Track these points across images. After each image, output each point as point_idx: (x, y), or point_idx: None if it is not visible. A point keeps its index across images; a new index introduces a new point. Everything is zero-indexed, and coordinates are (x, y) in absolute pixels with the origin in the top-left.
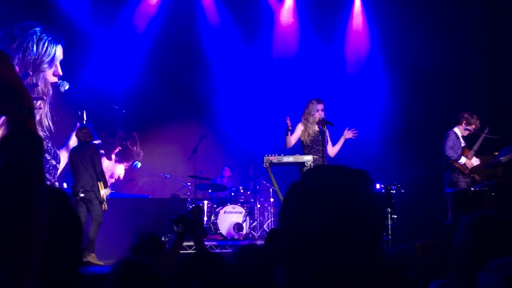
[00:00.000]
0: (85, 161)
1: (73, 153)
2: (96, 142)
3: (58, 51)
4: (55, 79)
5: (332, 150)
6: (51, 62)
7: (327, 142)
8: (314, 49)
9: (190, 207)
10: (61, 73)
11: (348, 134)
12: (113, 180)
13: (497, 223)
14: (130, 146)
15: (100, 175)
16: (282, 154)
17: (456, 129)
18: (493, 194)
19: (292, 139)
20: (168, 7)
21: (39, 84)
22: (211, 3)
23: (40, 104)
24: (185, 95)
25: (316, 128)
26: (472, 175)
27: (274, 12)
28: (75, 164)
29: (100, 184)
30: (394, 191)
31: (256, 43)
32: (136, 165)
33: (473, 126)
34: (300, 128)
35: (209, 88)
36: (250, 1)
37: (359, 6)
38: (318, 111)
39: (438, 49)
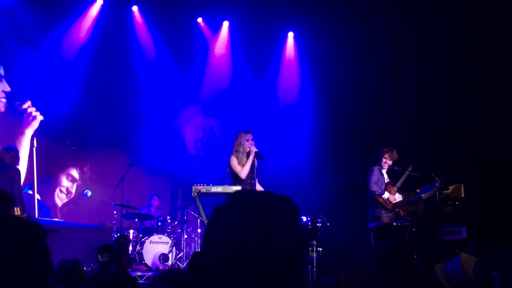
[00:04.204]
0: (3, 184)
1: None
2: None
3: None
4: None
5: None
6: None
7: (256, 174)
8: (247, 80)
9: (116, 236)
10: (9, 89)
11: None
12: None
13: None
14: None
15: (17, 200)
16: (211, 184)
17: (379, 165)
18: (414, 229)
19: (238, 171)
20: (100, 37)
21: None
22: (146, 33)
23: None
24: (114, 122)
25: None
26: (395, 210)
27: (209, 43)
28: None
29: (17, 210)
30: (320, 224)
31: (190, 73)
32: (86, 193)
33: (394, 159)
34: (234, 161)
35: (139, 116)
36: (185, 31)
37: (292, 40)
38: (248, 141)
39: (366, 84)
